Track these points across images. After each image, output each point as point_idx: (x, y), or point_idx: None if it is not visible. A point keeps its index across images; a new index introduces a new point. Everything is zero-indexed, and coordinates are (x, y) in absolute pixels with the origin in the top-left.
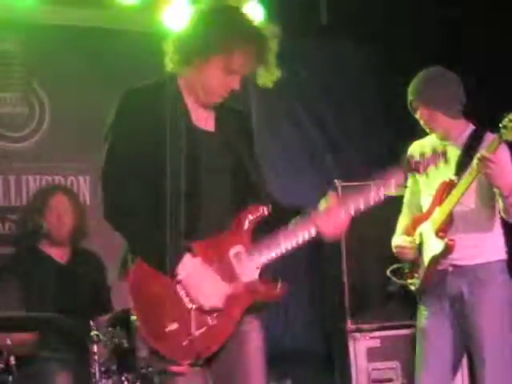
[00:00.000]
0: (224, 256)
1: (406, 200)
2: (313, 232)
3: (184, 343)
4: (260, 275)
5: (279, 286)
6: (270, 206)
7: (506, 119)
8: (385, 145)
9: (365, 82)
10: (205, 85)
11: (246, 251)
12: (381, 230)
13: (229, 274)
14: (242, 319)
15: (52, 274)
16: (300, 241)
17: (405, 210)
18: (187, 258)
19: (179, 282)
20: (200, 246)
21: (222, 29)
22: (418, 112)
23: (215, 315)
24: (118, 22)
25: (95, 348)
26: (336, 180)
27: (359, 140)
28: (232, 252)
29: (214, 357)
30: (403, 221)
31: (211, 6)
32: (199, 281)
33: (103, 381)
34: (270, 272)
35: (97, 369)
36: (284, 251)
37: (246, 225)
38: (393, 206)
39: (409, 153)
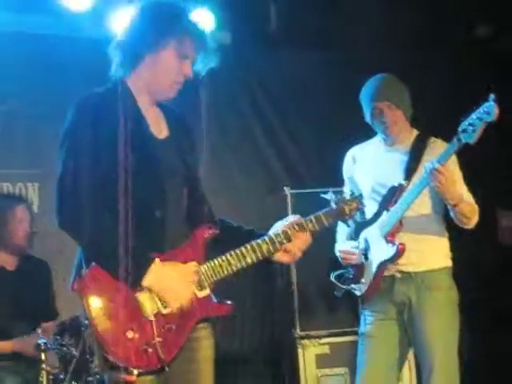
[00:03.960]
0: None
1: None
2: (266, 255)
3: (139, 351)
4: (211, 291)
5: (228, 304)
6: (219, 222)
7: (466, 123)
8: (336, 153)
9: (315, 89)
10: (161, 76)
11: (200, 267)
12: (326, 237)
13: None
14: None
15: (1, 283)
16: (251, 263)
17: None
18: (154, 265)
19: (144, 289)
20: (159, 257)
21: (170, 16)
22: (383, 113)
23: (170, 326)
24: (67, 29)
25: (43, 356)
26: (285, 188)
27: (309, 148)
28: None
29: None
30: (343, 226)
31: (148, 3)
32: (168, 282)
33: None
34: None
35: (45, 377)
36: (235, 271)
37: (201, 242)
38: None
39: (350, 158)
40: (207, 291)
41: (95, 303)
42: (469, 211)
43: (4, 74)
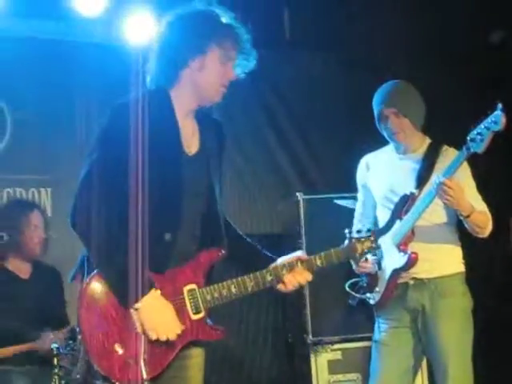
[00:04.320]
0: (179, 291)
1: (357, 214)
2: (268, 286)
3: (124, 365)
4: (206, 316)
5: (220, 330)
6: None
7: (474, 132)
8: (349, 158)
9: (328, 94)
10: (207, 81)
11: (199, 290)
12: (340, 243)
13: (180, 309)
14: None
15: (15, 290)
16: (251, 292)
17: (356, 223)
18: (150, 294)
19: (136, 309)
20: (159, 278)
21: (209, 21)
22: (389, 120)
23: (158, 345)
24: (78, 35)
25: (55, 360)
26: (298, 193)
27: (322, 153)
28: (186, 289)
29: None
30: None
31: (188, 10)
32: (157, 314)
33: None
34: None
35: (57, 381)
36: (233, 299)
37: (205, 265)
38: (351, 220)
39: (364, 165)
40: (202, 314)
41: (88, 312)
42: (481, 221)
43: (16, 80)
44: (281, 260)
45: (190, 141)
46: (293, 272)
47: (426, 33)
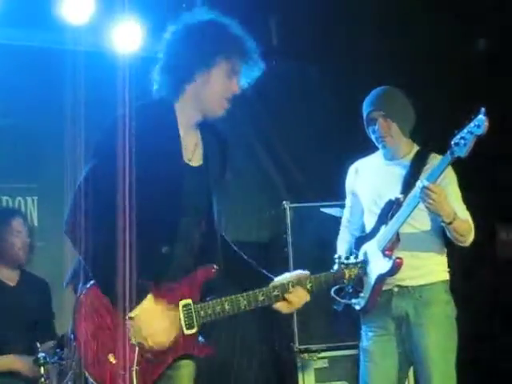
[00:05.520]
0: (174, 306)
1: (344, 220)
2: (260, 306)
3: (116, 376)
4: (198, 331)
5: (210, 347)
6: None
7: (458, 136)
8: (336, 167)
9: (315, 103)
10: (211, 95)
11: (194, 306)
12: (326, 251)
13: (174, 323)
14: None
15: (2, 297)
16: (244, 310)
17: (343, 230)
18: (146, 300)
19: (131, 318)
20: (156, 289)
21: (216, 35)
22: (377, 123)
23: (150, 357)
24: (65, 42)
25: (42, 370)
26: (285, 202)
27: (309, 162)
28: (181, 303)
29: None
30: (343, 241)
31: (194, 20)
32: (154, 320)
33: None
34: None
35: None
36: (226, 316)
37: (201, 281)
38: (337, 228)
39: (353, 171)
40: (194, 330)
41: (85, 321)
42: (464, 229)
43: (3, 88)
44: (276, 280)
45: (192, 153)
46: (288, 294)
47: (411, 42)
